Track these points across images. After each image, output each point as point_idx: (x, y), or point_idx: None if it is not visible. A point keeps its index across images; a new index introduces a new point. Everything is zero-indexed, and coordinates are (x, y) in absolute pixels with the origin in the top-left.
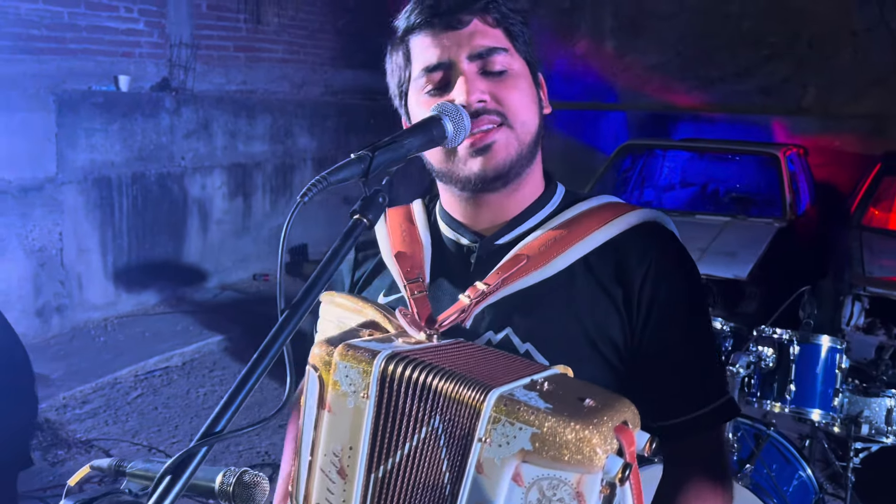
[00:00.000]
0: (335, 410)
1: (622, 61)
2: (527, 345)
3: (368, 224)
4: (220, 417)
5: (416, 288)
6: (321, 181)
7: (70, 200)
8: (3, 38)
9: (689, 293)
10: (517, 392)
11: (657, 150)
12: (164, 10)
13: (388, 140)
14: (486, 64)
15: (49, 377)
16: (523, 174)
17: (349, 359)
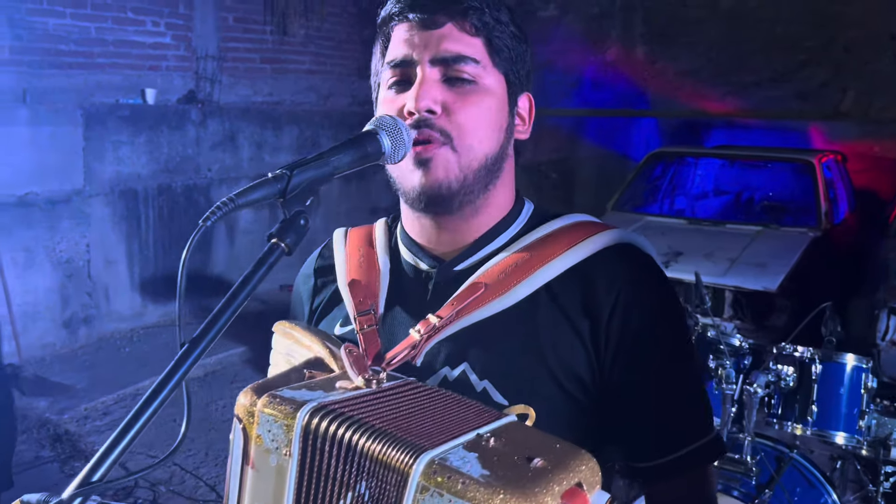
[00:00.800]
0: (258, 468)
1: (653, 67)
2: (484, 382)
3: (286, 249)
4: (99, 464)
5: (366, 321)
6: (228, 203)
7: (97, 212)
8: (32, 54)
9: (665, 324)
10: (452, 455)
11: (688, 158)
12: (190, 23)
13: (313, 157)
14: (449, 71)
15: (73, 388)
16: (476, 200)
17: (272, 411)
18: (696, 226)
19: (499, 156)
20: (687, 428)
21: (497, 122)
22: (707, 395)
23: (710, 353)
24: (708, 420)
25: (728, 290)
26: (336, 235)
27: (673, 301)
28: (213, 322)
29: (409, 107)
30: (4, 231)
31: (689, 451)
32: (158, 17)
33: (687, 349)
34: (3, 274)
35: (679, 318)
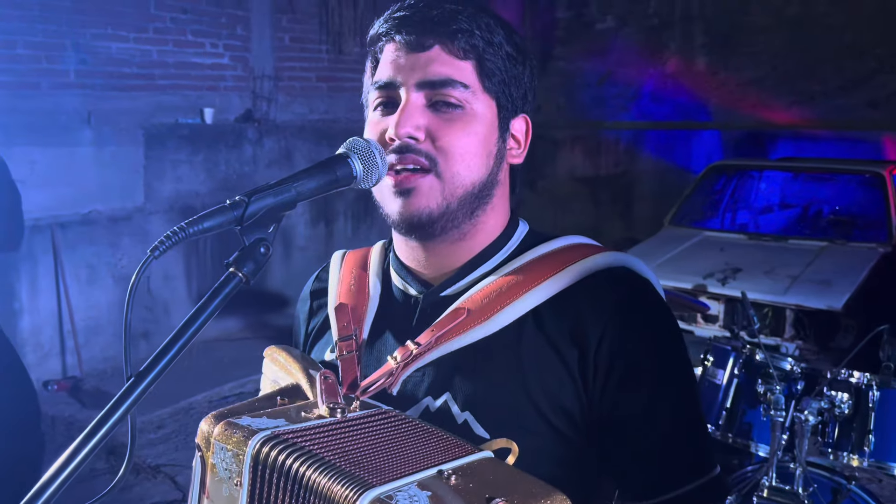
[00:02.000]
0: (213, 497)
1: (715, 78)
2: (465, 414)
3: (244, 279)
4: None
5: (346, 347)
6: (178, 232)
7: (157, 229)
8: (97, 77)
9: (658, 352)
10: (401, 493)
11: (751, 171)
12: (248, 44)
13: (275, 182)
14: (435, 95)
15: None
16: (462, 226)
17: (225, 439)
18: (757, 241)
19: (487, 182)
20: (683, 466)
21: (485, 149)
22: (707, 430)
23: (758, 377)
24: (708, 458)
25: (789, 309)
26: (334, 258)
27: (667, 327)
28: (162, 355)
29: (391, 133)
30: (69, 247)
31: (685, 491)
32: (217, 38)
33: (683, 381)
34: (67, 289)
35: (674, 345)
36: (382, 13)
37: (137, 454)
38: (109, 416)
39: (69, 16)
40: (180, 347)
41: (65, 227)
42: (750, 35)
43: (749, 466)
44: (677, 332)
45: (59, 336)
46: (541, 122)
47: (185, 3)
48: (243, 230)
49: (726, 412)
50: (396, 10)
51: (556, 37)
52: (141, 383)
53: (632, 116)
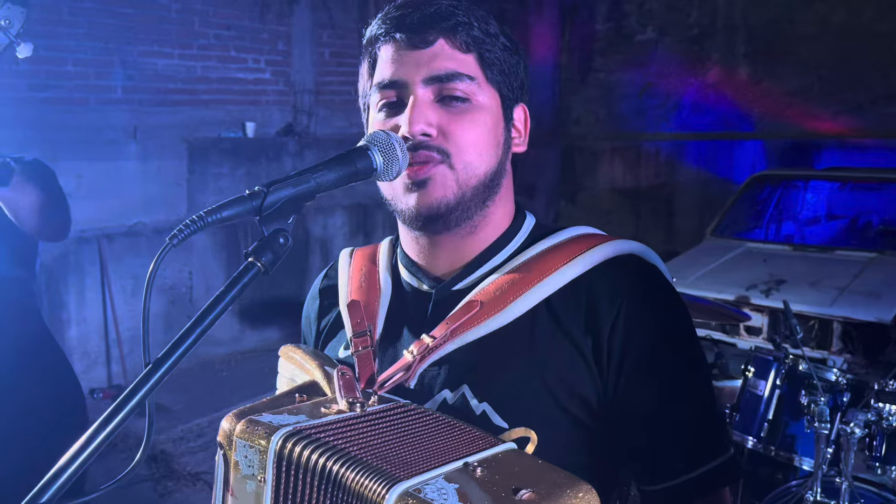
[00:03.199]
0: (237, 494)
1: (758, 88)
2: (483, 404)
3: (262, 268)
4: (51, 482)
5: (362, 343)
6: (197, 220)
7: (199, 241)
8: (143, 93)
9: (671, 337)
10: (429, 486)
11: (796, 181)
12: (289, 59)
13: (295, 173)
14: (443, 90)
15: (171, 409)
16: (474, 217)
17: (247, 436)
18: (802, 252)
19: (497, 171)
20: (698, 448)
21: (494, 139)
22: (722, 413)
23: (802, 389)
24: (722, 439)
25: (836, 322)
26: (342, 255)
27: (680, 313)
28: (179, 343)
29: (404, 131)
30: (115, 259)
31: (700, 472)
32: (259, 54)
33: (696, 364)
34: (112, 299)
35: (687, 330)
36: None
37: (177, 462)
38: (127, 401)
39: (117, 33)
40: (197, 336)
41: (111, 239)
42: (794, 43)
43: (794, 481)
44: (687, 317)
45: (105, 345)
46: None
47: (229, 19)
48: (262, 220)
49: (768, 424)
50: (392, 10)
51: (596, 49)
52: (158, 370)
53: (672, 127)
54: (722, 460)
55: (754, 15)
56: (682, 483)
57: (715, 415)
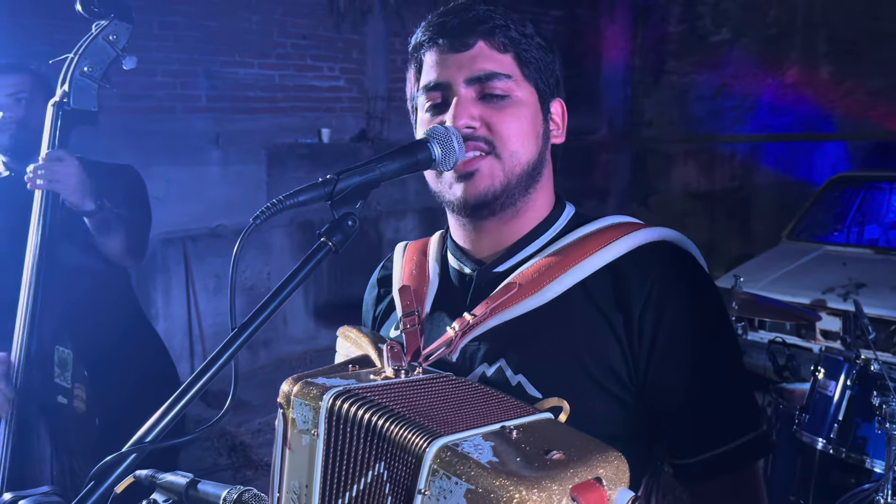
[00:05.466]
0: (294, 448)
1: (840, 87)
2: (518, 377)
3: (333, 248)
4: (153, 427)
5: (409, 322)
6: (277, 204)
7: (277, 243)
8: (224, 101)
9: (701, 319)
10: (467, 442)
11: (881, 183)
12: (363, 66)
13: (362, 163)
14: (484, 88)
15: (251, 403)
16: (517, 203)
17: (303, 396)
18: (885, 256)
19: (538, 161)
20: (728, 423)
21: (534, 130)
22: (752, 391)
23: (873, 389)
24: (752, 416)
25: None
26: (397, 248)
27: (710, 294)
28: (261, 310)
29: (449, 125)
30: (198, 259)
31: (731, 447)
32: (334, 62)
33: (727, 342)
34: (196, 298)
35: (717, 310)
36: None
37: (255, 453)
38: (216, 360)
39: (201, 45)
40: (276, 306)
41: (195, 240)
42: (878, 41)
43: (867, 485)
44: (719, 299)
45: (189, 341)
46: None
47: (305, 29)
48: (333, 205)
49: (838, 425)
50: (435, 18)
51: (669, 50)
52: (242, 334)
53: (749, 129)
54: (754, 435)
55: (836, 12)
56: (713, 457)
57: (746, 392)
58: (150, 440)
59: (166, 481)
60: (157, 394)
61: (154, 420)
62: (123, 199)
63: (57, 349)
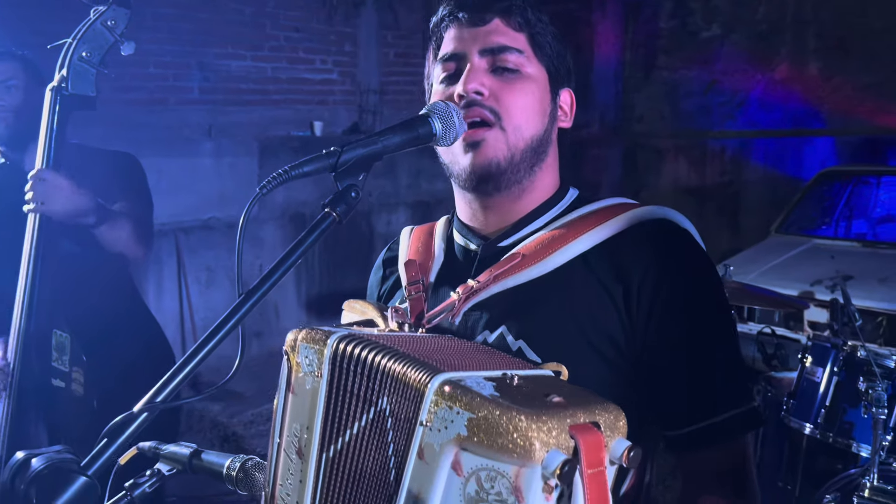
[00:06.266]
0: (297, 392)
1: (829, 83)
2: (519, 342)
3: (337, 218)
4: (163, 387)
5: (415, 289)
6: (283, 174)
7: (269, 236)
8: (217, 93)
9: (698, 291)
10: (469, 379)
11: (868, 178)
12: (355, 60)
13: (365, 136)
14: (496, 60)
15: (243, 395)
16: (523, 181)
17: (308, 340)
18: (872, 249)
19: (543, 139)
20: (720, 395)
21: (541, 107)
22: (745, 366)
23: (860, 375)
24: (744, 390)
25: None
26: (403, 231)
27: (707, 269)
28: (268, 277)
29: (459, 90)
30: (190, 252)
31: (724, 418)
32: (327, 55)
33: (722, 317)
34: (188, 290)
35: (714, 285)
36: None
37: (248, 443)
38: (224, 324)
39: (194, 37)
40: (281, 274)
41: (187, 233)
42: (867, 37)
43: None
44: (715, 275)
45: (181, 334)
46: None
47: (298, 22)
48: (337, 176)
49: (826, 410)
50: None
51: (659, 46)
52: (249, 300)
53: (739, 125)
54: (746, 408)
55: (825, 9)
56: (705, 427)
57: (739, 365)
58: (160, 400)
59: (170, 452)
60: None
61: (163, 381)
62: (123, 190)
63: (55, 333)
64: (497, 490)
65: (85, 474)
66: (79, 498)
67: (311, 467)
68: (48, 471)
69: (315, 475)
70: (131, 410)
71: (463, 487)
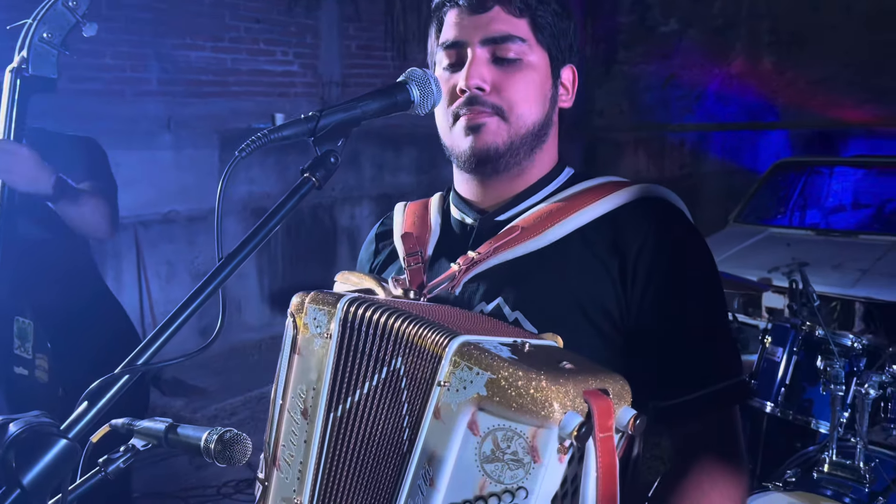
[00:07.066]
0: (303, 353)
1: (783, 77)
2: (516, 313)
3: (316, 183)
4: (145, 349)
5: (414, 260)
6: (261, 137)
7: (231, 229)
8: (176, 84)
9: (691, 267)
10: (486, 342)
11: (821, 168)
12: (316, 51)
13: (343, 102)
14: (497, 50)
15: (206, 390)
16: (522, 162)
17: (317, 302)
18: (826, 237)
19: (544, 123)
20: (711, 367)
21: (542, 94)
22: (735, 340)
23: (818, 354)
24: (735, 363)
25: (858, 303)
26: (397, 207)
27: (700, 245)
28: (248, 241)
29: (461, 85)
30: (149, 246)
31: (713, 390)
32: (288, 46)
33: (715, 291)
34: (148, 285)
35: (706, 262)
36: None
37: None
38: (204, 288)
39: (152, 27)
40: (261, 238)
41: (146, 226)
42: (820, 31)
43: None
44: (708, 251)
45: (141, 329)
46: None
47: (258, 13)
48: (316, 141)
49: (786, 389)
50: None
51: (619, 41)
52: (229, 264)
53: (696, 118)
54: (737, 380)
55: (779, 4)
56: (695, 398)
57: (729, 340)
58: (141, 363)
59: (144, 427)
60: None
61: (144, 344)
62: (87, 171)
63: (17, 320)
64: (513, 450)
65: (66, 437)
66: (60, 461)
67: (318, 427)
68: (26, 434)
69: (322, 435)
70: (112, 373)
71: (479, 447)
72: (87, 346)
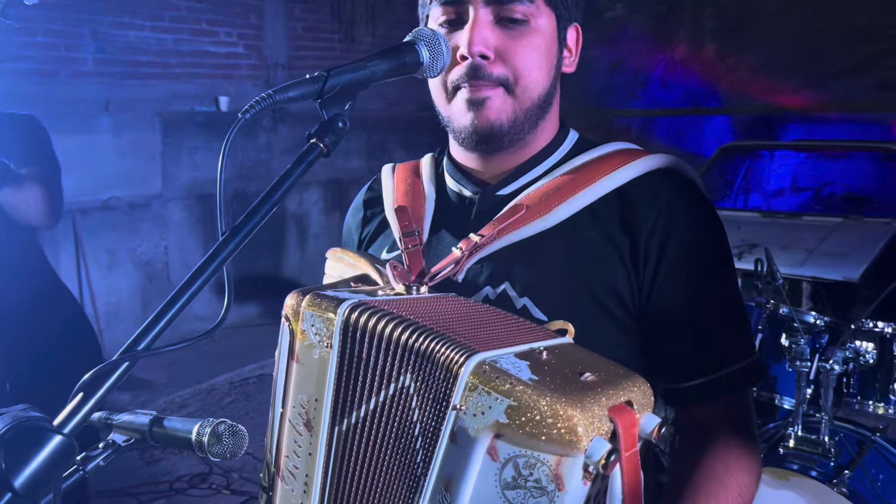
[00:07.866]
0: (302, 361)
1: (724, 63)
2: (524, 299)
3: (325, 149)
4: (144, 334)
5: (411, 242)
6: (266, 98)
7: (175, 216)
8: (114, 65)
9: (705, 244)
10: (503, 360)
11: (763, 152)
12: (261, 33)
13: (352, 61)
14: (502, 10)
15: (154, 383)
16: (526, 136)
17: (315, 308)
18: (772, 218)
19: (549, 92)
20: (726, 348)
21: (548, 62)
22: (748, 319)
23: (782, 332)
24: (749, 343)
25: (806, 282)
26: (385, 169)
27: (714, 222)
28: (253, 213)
29: (463, 51)
30: (89, 233)
31: (729, 371)
32: (231, 27)
33: (729, 270)
34: (88, 274)
35: (720, 240)
36: (393, 5)
37: None
38: (208, 265)
39: (88, 4)
40: (269, 208)
41: (85, 214)
42: (760, 19)
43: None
44: (721, 228)
45: None
46: None
47: None
48: (323, 103)
49: None
50: None
51: None
52: (234, 238)
53: (642, 104)
54: (749, 361)
55: None
56: (710, 381)
57: (743, 319)
58: (142, 348)
59: (125, 421)
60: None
61: (143, 329)
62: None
63: None
64: (536, 477)
65: (60, 433)
66: (55, 459)
67: (322, 441)
68: (15, 431)
69: (327, 449)
70: (111, 359)
71: (499, 473)
72: (35, 341)
